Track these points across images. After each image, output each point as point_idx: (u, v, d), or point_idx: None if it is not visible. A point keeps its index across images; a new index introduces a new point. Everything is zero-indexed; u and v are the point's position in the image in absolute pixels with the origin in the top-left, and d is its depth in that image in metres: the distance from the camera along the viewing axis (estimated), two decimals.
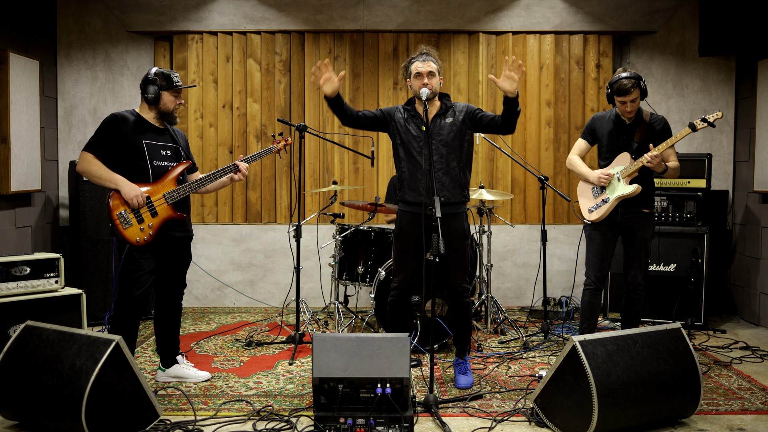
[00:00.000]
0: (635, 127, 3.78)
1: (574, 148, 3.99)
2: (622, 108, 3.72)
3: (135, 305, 3.33)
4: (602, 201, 3.79)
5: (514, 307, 5.66)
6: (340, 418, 2.86)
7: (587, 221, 3.86)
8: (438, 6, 5.49)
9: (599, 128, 3.88)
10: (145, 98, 3.44)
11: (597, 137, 3.90)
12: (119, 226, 3.30)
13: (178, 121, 3.58)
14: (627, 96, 3.64)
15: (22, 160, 4.87)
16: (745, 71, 5.40)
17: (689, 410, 3.04)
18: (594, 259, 3.81)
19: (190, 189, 3.49)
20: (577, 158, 3.94)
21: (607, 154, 3.84)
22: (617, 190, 3.75)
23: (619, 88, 3.63)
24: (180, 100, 3.51)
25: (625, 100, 3.66)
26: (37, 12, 5.30)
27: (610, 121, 3.85)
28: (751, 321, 5.11)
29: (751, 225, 5.20)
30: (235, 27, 5.58)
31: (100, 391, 2.72)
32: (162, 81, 3.42)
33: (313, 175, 5.71)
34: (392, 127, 3.58)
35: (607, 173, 3.76)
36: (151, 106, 3.45)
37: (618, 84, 3.63)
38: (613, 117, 3.84)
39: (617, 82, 3.65)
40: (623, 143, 3.79)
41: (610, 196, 3.76)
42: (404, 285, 3.62)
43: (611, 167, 3.81)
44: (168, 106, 3.46)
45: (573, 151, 3.98)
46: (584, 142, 3.95)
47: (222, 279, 5.69)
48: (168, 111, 3.47)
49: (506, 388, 3.56)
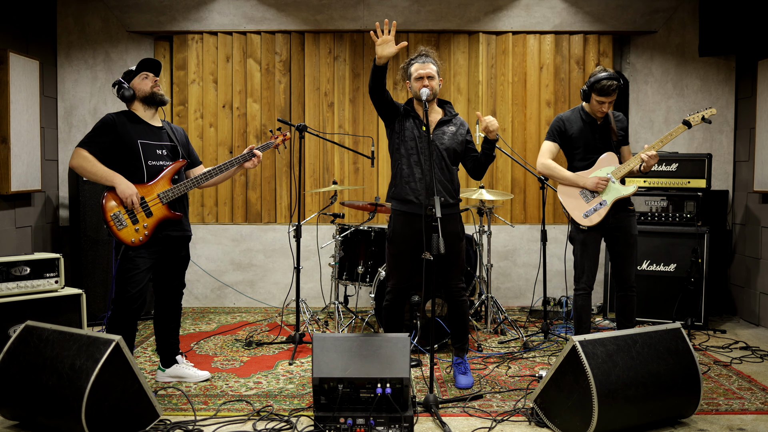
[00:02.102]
0: (607, 125, 3.72)
1: (545, 152, 3.77)
2: (598, 107, 3.63)
3: (131, 304, 3.33)
4: (599, 204, 3.69)
5: (514, 307, 5.66)
6: (340, 418, 2.86)
7: (583, 227, 3.71)
8: (438, 6, 5.49)
9: (570, 129, 3.74)
10: (124, 99, 3.46)
11: (567, 138, 3.76)
12: (113, 228, 3.30)
13: (167, 100, 3.54)
14: (609, 97, 3.58)
15: (22, 160, 4.87)
16: (745, 71, 5.40)
17: (689, 410, 3.04)
18: (589, 263, 3.73)
19: (189, 186, 3.48)
20: (554, 163, 3.77)
21: (587, 155, 3.73)
22: (615, 191, 3.68)
23: (602, 89, 3.54)
24: (152, 80, 3.46)
25: (605, 100, 3.59)
26: (37, 12, 5.30)
27: (580, 121, 3.73)
28: (751, 321, 5.11)
29: (751, 225, 5.20)
30: (235, 27, 5.58)
31: (100, 391, 2.72)
32: (126, 76, 3.47)
33: (313, 175, 5.71)
34: (398, 120, 3.54)
35: (605, 178, 3.66)
36: (134, 100, 3.46)
37: (600, 84, 3.54)
38: (583, 116, 3.73)
39: (599, 82, 3.54)
40: (602, 143, 3.72)
41: (607, 199, 3.68)
42: (398, 289, 3.61)
43: (596, 168, 3.72)
44: (145, 89, 3.45)
45: (544, 156, 3.77)
46: (554, 145, 3.77)
47: (222, 279, 5.69)
48: (147, 94, 3.45)
49: (506, 388, 3.56)
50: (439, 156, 3.49)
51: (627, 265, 3.78)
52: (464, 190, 4.82)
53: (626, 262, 3.78)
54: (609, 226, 3.73)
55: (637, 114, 5.63)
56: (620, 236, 3.75)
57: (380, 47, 3.23)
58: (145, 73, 3.47)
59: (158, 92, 3.48)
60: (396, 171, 3.56)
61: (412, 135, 3.49)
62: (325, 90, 5.66)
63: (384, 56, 3.24)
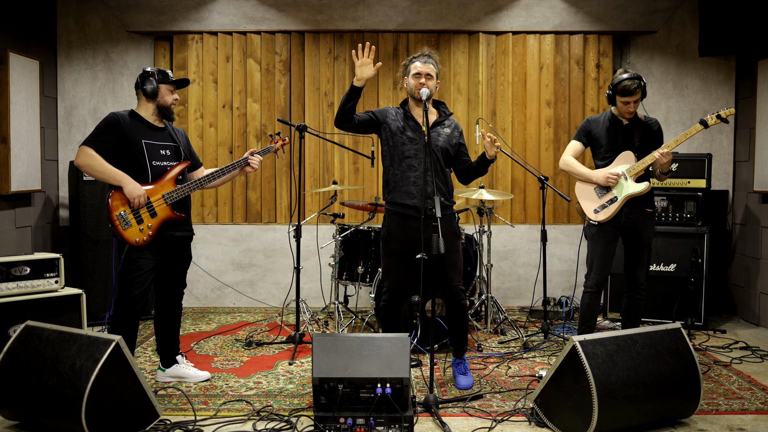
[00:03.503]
0: (633, 127, 3.79)
1: (568, 150, 3.92)
2: (624, 108, 3.72)
3: (134, 305, 3.33)
4: (609, 201, 3.75)
5: (514, 307, 5.66)
6: (340, 418, 2.86)
7: (593, 222, 3.79)
8: (438, 6, 5.49)
9: (595, 129, 3.85)
10: (143, 90, 3.44)
11: (593, 139, 3.87)
12: (119, 227, 3.30)
13: (176, 119, 3.58)
14: (632, 96, 3.66)
15: (22, 160, 4.87)
16: (745, 71, 5.40)
17: (689, 410, 3.04)
18: (598, 261, 3.77)
19: (192, 188, 3.49)
20: (573, 159, 3.89)
21: (607, 154, 3.82)
22: (626, 188, 3.72)
23: (624, 89, 3.64)
24: (176, 95, 3.53)
25: (629, 100, 3.67)
26: (37, 12, 5.30)
27: (607, 122, 3.84)
28: (751, 321, 5.11)
29: (751, 225, 5.20)
30: (235, 27, 5.58)
31: (100, 391, 2.72)
32: (159, 75, 3.46)
33: (313, 175, 5.71)
34: (384, 128, 3.56)
35: (615, 173, 3.72)
36: (149, 100, 3.46)
37: (622, 85, 3.65)
38: (609, 117, 3.84)
39: (620, 83, 3.65)
40: (623, 143, 3.79)
41: (618, 196, 3.73)
42: (394, 289, 3.62)
43: (613, 166, 3.78)
44: (166, 100, 3.48)
45: (567, 153, 3.92)
46: (579, 144, 3.90)
47: (222, 279, 5.69)
48: (166, 105, 3.48)
49: (506, 388, 3.56)
50: (435, 157, 3.48)
51: (636, 267, 3.79)
52: (464, 190, 4.82)
53: (636, 264, 3.79)
54: (623, 226, 3.76)
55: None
56: (633, 237, 3.79)
57: (359, 69, 3.32)
58: (173, 87, 3.51)
59: (173, 109, 3.54)
60: (389, 177, 3.55)
61: (408, 138, 3.49)
62: (325, 90, 5.66)
63: (363, 78, 3.34)
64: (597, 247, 3.78)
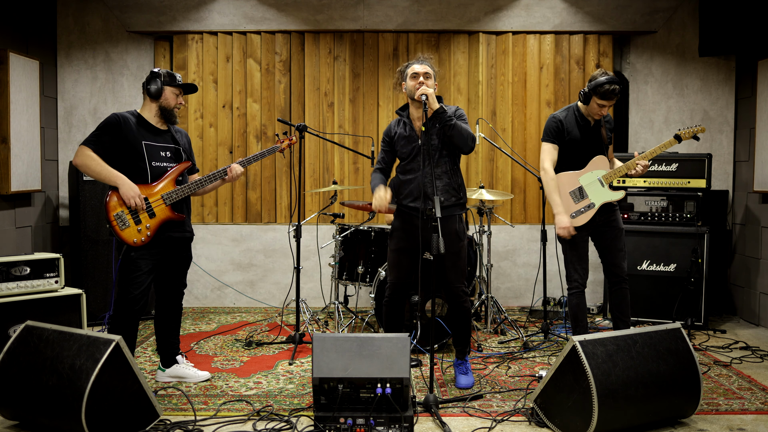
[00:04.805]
0: (599, 127, 3.74)
1: (547, 156, 3.71)
2: (597, 110, 3.62)
3: (133, 305, 3.33)
4: (586, 207, 3.71)
5: (514, 307, 5.66)
6: (340, 418, 2.86)
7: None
8: (438, 6, 5.49)
9: (568, 129, 3.71)
10: (147, 90, 3.44)
11: (565, 140, 3.72)
12: (116, 227, 3.30)
13: (179, 122, 3.59)
14: (611, 101, 3.58)
15: (22, 160, 4.87)
16: (745, 71, 5.40)
17: (689, 410, 3.04)
18: (578, 261, 3.75)
19: (189, 190, 3.49)
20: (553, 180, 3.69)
21: (579, 157, 3.72)
22: (602, 195, 3.70)
23: (606, 93, 3.53)
24: (181, 99, 3.53)
25: (607, 104, 3.60)
26: (37, 12, 5.30)
27: (576, 122, 3.72)
28: (751, 321, 5.11)
29: (751, 225, 5.20)
30: (235, 27, 5.58)
31: (100, 391, 2.72)
32: (166, 77, 3.46)
33: (313, 175, 5.71)
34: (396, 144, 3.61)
35: (572, 231, 3.65)
36: (153, 101, 3.46)
37: (605, 89, 3.52)
38: (578, 117, 3.72)
39: (602, 86, 3.52)
40: (595, 146, 3.74)
41: (595, 203, 3.70)
42: (397, 285, 3.62)
43: (587, 171, 3.72)
44: (169, 102, 3.48)
45: (546, 159, 3.71)
46: (554, 146, 3.71)
47: (222, 279, 5.69)
48: (169, 107, 3.48)
49: (506, 388, 3.56)
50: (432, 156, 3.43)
51: (616, 255, 3.77)
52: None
53: (616, 252, 3.77)
54: (596, 225, 3.76)
55: (637, 114, 5.63)
56: (607, 230, 3.78)
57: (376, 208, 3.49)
58: (179, 91, 3.51)
59: (176, 112, 3.53)
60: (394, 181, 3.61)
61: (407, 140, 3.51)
62: (325, 90, 5.66)
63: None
64: (576, 249, 3.74)
